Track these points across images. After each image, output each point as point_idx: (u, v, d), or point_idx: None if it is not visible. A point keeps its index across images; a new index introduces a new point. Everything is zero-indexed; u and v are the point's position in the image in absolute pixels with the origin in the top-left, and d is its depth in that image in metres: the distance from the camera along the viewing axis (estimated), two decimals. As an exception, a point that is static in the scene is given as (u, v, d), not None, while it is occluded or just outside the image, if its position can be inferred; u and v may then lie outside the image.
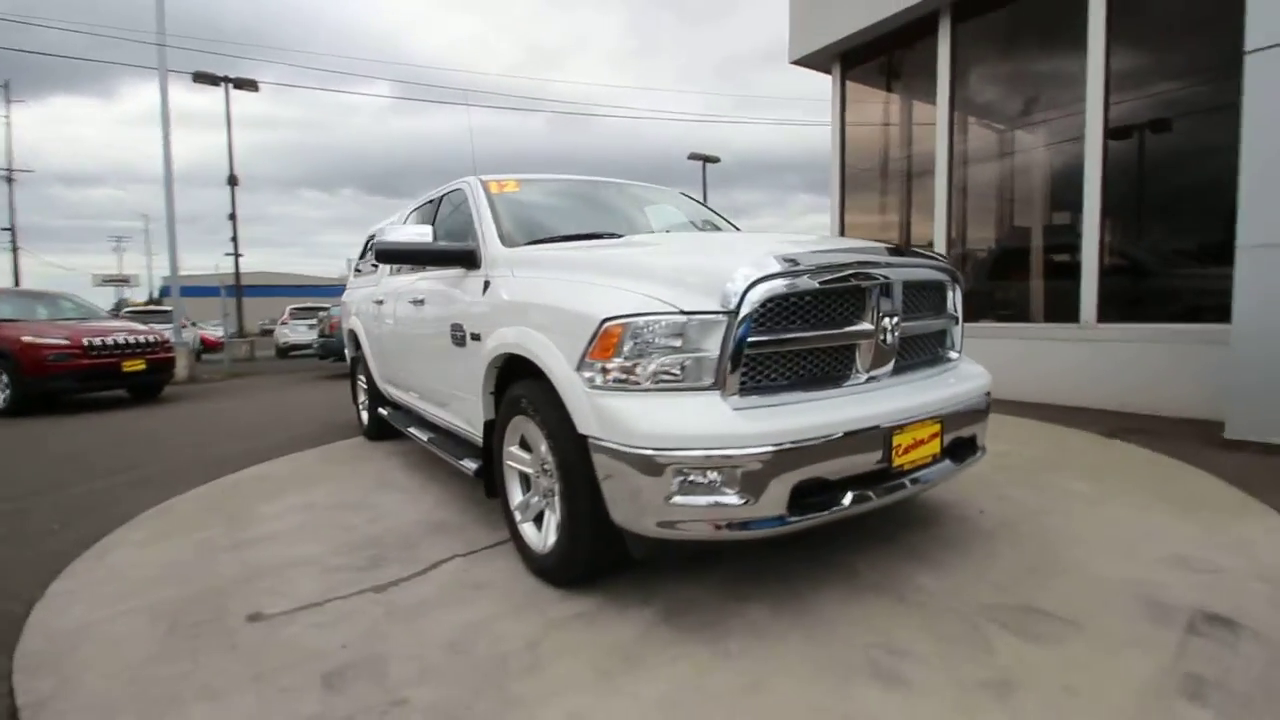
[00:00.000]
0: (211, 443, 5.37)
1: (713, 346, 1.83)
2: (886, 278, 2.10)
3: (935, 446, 2.15)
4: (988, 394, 2.47)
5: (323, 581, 2.45)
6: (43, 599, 2.41)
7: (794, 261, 1.92)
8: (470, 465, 2.87)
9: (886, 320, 2.10)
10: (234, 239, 19.70)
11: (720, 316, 1.82)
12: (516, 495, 2.54)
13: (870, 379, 2.12)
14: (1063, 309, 5.17)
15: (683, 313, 1.83)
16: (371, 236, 5.56)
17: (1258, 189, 3.51)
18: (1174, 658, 1.71)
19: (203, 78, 17.15)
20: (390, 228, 2.94)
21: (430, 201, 3.80)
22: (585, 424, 1.94)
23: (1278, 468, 3.26)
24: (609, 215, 3.39)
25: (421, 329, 3.34)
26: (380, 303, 4.22)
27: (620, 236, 2.87)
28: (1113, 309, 4.93)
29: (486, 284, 2.60)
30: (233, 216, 36.02)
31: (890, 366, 2.18)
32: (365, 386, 5.19)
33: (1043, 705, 1.55)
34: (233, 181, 23.25)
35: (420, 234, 2.88)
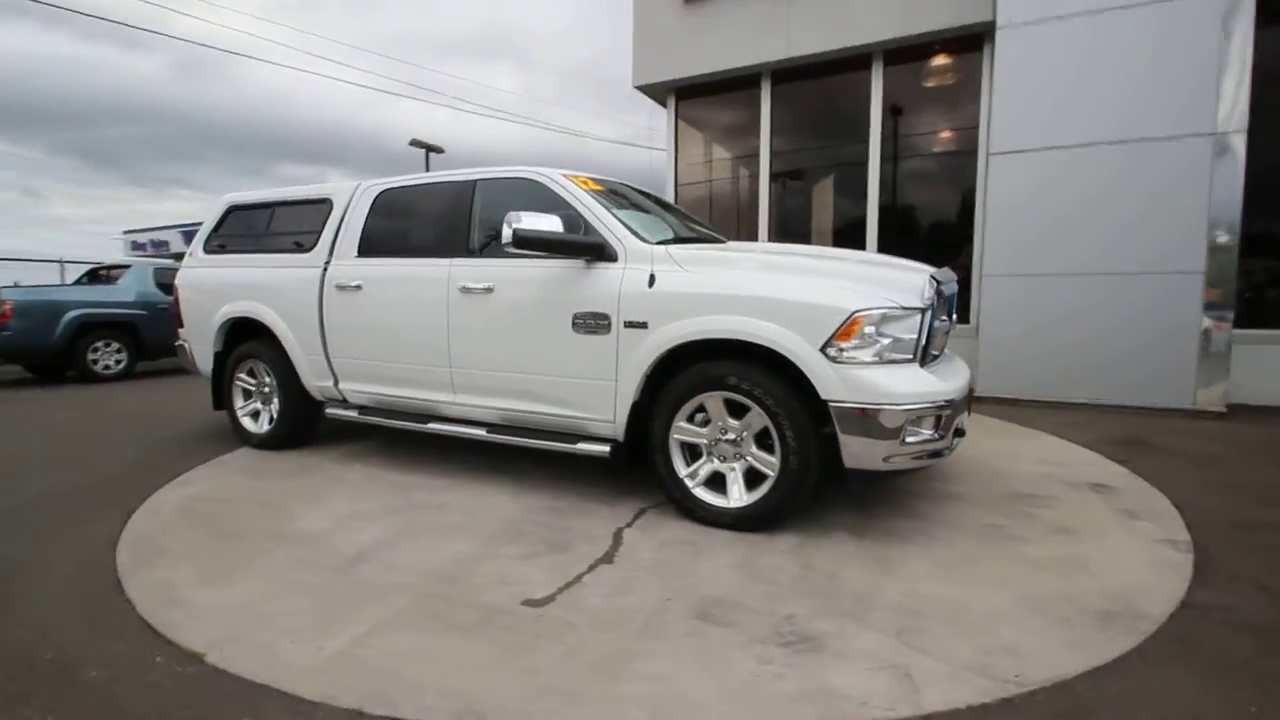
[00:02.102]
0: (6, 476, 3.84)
1: (914, 332, 2.61)
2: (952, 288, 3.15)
3: (970, 402, 3.30)
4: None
5: (537, 567, 2.46)
6: (209, 654, 1.92)
7: (933, 277, 2.82)
8: (598, 448, 3.05)
9: (950, 316, 3.16)
10: None
11: (918, 312, 2.62)
12: (682, 466, 2.90)
13: (935, 357, 3.15)
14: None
15: (903, 308, 2.57)
16: (229, 209, 4.64)
17: (993, 241, 5.68)
18: (1106, 502, 3.12)
19: None
20: (525, 216, 2.88)
21: (451, 183, 3.61)
22: (831, 391, 2.52)
23: (1016, 409, 5.39)
24: (648, 214, 3.77)
25: (500, 318, 3.25)
26: (355, 288, 3.75)
27: (720, 239, 3.39)
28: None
29: (652, 277, 2.87)
30: None
31: (943, 349, 3.24)
32: (261, 387, 4.36)
33: (1092, 530, 2.75)
34: None
35: (555, 224, 2.95)
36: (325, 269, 3.94)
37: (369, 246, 3.83)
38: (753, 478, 2.80)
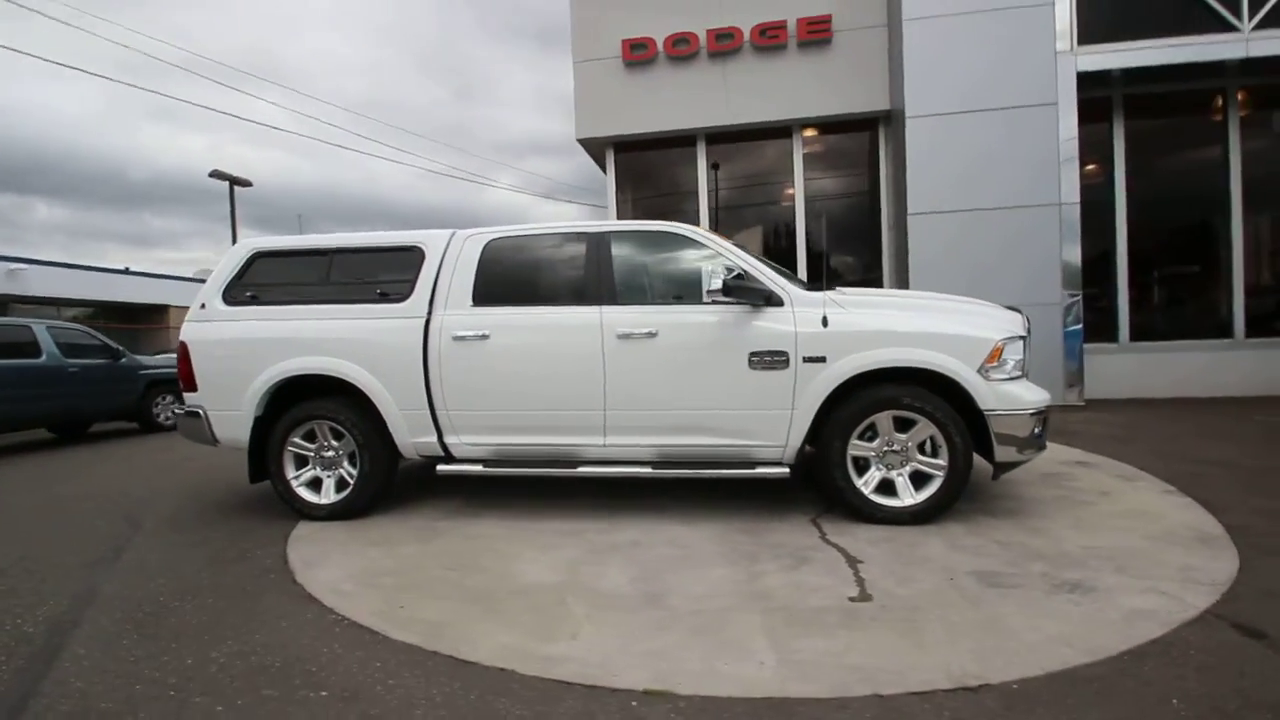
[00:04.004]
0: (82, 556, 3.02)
1: (1022, 354, 3.47)
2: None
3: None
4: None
5: (809, 575, 2.81)
6: (674, 688, 2.00)
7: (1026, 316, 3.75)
8: (777, 470, 3.46)
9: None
10: None
11: (1023, 339, 3.49)
12: (856, 476, 3.43)
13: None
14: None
15: (1019, 337, 3.42)
16: (254, 255, 4.19)
17: (914, 281, 7.08)
18: (1103, 472, 4.28)
19: None
20: (716, 267, 3.22)
21: (578, 233, 3.79)
22: (987, 403, 3.26)
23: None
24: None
25: (666, 360, 3.48)
26: (481, 338, 3.68)
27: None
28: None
29: (825, 318, 3.39)
30: None
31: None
32: (322, 451, 3.94)
33: (1119, 491, 3.82)
34: None
35: (738, 274, 3.37)
36: (428, 319, 3.79)
37: (487, 296, 3.79)
38: (914, 480, 3.42)
